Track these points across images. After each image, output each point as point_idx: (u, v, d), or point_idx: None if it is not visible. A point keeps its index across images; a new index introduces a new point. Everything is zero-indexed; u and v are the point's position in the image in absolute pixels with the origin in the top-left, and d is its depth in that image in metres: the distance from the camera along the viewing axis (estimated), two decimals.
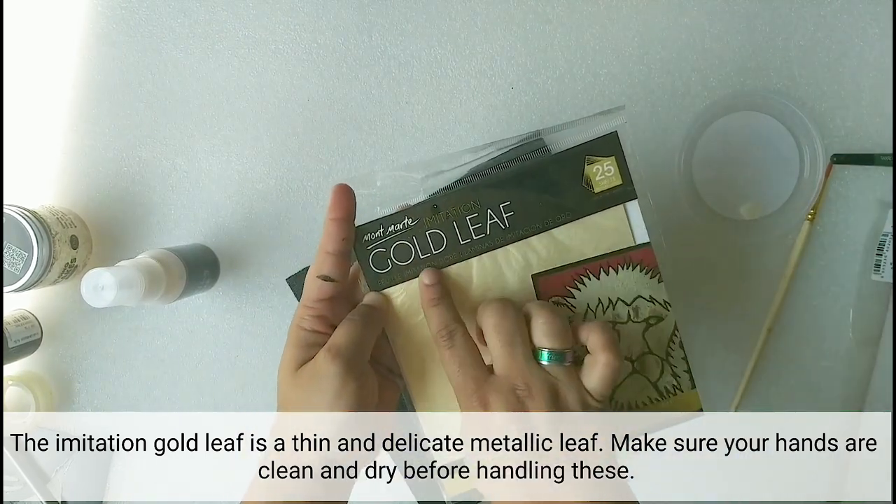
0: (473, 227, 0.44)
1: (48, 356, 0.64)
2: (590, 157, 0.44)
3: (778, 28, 0.61)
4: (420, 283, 0.44)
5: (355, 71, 0.63)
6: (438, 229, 0.44)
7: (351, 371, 0.40)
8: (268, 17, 0.63)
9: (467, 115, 0.63)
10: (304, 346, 0.41)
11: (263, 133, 0.64)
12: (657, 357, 0.45)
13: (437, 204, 0.44)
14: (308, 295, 0.43)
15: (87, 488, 0.64)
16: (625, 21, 0.62)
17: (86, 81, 0.64)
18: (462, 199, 0.44)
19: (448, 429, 0.45)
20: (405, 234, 0.44)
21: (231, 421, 0.64)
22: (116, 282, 0.50)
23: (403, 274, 0.44)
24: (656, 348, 0.45)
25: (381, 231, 0.44)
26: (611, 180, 0.44)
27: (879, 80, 0.60)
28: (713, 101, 0.61)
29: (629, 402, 0.45)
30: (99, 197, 0.64)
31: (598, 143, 0.44)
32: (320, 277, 0.42)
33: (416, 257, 0.44)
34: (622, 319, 0.45)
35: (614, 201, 0.44)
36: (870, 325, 0.60)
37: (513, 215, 0.44)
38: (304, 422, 0.41)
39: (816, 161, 0.60)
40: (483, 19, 0.62)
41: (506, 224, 0.44)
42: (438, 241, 0.44)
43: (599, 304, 0.45)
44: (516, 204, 0.44)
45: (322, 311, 0.42)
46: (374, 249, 0.44)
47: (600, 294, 0.45)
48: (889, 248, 0.58)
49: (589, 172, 0.44)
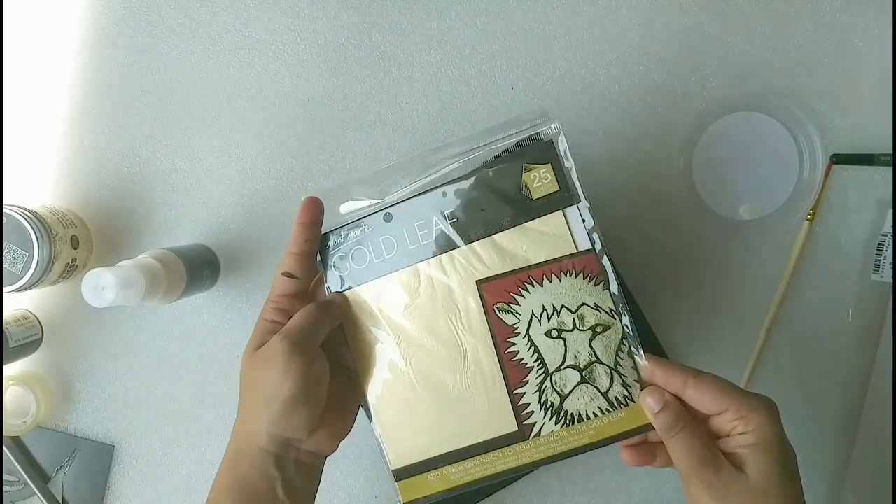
0: (421, 232, 0.46)
1: (49, 356, 0.64)
2: (527, 164, 0.45)
3: (778, 28, 0.61)
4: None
5: (355, 71, 0.63)
6: (391, 235, 0.47)
7: (297, 349, 0.42)
8: (268, 17, 0.63)
9: (467, 116, 0.63)
10: (263, 334, 0.45)
11: (263, 133, 0.64)
12: (606, 366, 0.45)
13: (390, 212, 0.47)
14: (273, 290, 0.46)
15: (87, 488, 0.64)
16: (625, 21, 0.62)
17: (86, 81, 0.64)
18: (410, 208, 0.46)
19: (400, 431, 0.46)
20: (362, 239, 0.47)
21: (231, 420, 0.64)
22: (117, 282, 0.50)
23: (361, 277, 0.47)
24: (604, 357, 0.45)
25: (342, 236, 0.47)
26: (547, 187, 0.45)
27: (879, 80, 0.60)
28: (713, 101, 0.61)
29: (579, 413, 0.45)
30: (99, 197, 0.64)
31: (535, 151, 0.45)
32: (284, 274, 0.46)
33: (370, 261, 0.47)
34: (567, 327, 0.45)
35: (552, 207, 0.45)
36: (870, 325, 0.60)
37: (456, 221, 0.46)
38: (254, 402, 0.44)
39: (816, 161, 0.60)
40: (483, 19, 0.62)
41: (450, 230, 0.46)
42: (390, 247, 0.47)
43: (544, 311, 0.45)
44: (458, 211, 0.46)
45: (284, 305, 0.46)
46: (337, 253, 0.47)
47: (545, 301, 0.45)
48: (888, 248, 0.58)
49: (526, 179, 0.45)
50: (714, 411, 0.43)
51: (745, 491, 0.41)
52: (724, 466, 0.41)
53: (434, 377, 0.46)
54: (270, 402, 0.43)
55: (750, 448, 0.41)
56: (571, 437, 0.45)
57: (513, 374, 0.45)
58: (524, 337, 0.45)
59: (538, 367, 0.45)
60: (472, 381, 0.46)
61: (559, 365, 0.45)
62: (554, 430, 0.45)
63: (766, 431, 0.41)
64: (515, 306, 0.46)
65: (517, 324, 0.45)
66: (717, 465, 0.42)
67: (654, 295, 0.61)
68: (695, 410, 0.43)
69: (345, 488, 0.63)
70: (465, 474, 0.46)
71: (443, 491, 0.46)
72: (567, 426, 0.45)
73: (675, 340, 0.62)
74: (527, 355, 0.45)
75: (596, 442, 0.45)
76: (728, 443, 0.42)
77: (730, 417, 0.42)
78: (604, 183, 0.62)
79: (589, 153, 0.62)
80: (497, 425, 0.45)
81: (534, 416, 0.45)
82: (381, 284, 0.47)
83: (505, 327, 0.46)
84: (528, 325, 0.45)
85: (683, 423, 0.43)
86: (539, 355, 0.45)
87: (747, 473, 0.41)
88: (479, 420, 0.46)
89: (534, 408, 0.45)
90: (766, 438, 0.41)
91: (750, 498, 0.41)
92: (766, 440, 0.41)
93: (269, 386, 0.43)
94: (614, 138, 0.62)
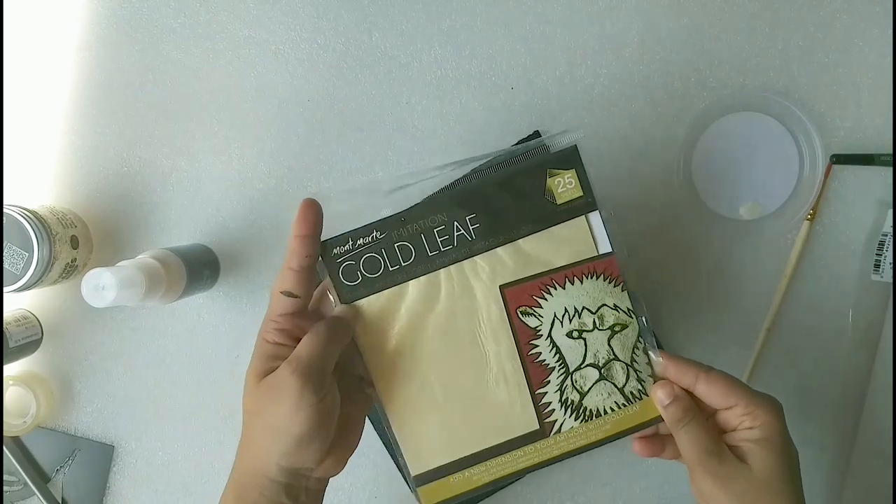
0: (441, 238, 0.45)
1: (49, 356, 0.64)
2: (551, 170, 0.45)
3: (778, 28, 0.61)
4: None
5: (355, 71, 0.63)
6: (407, 241, 0.45)
7: (310, 384, 0.40)
8: (268, 17, 0.63)
9: (467, 115, 0.63)
10: (267, 358, 0.42)
11: (263, 133, 0.64)
12: (623, 363, 0.46)
13: (405, 217, 0.45)
14: (272, 308, 0.43)
15: (87, 488, 0.64)
16: (625, 21, 0.62)
17: (86, 81, 0.64)
18: (429, 212, 0.45)
19: (421, 437, 0.46)
20: (374, 246, 0.45)
21: (231, 421, 0.64)
22: (117, 282, 0.50)
23: (374, 286, 0.45)
24: (622, 354, 0.46)
25: (349, 244, 0.45)
26: (572, 192, 0.46)
27: (879, 80, 0.60)
28: (713, 101, 0.61)
29: (597, 409, 0.46)
30: (99, 197, 0.64)
31: (558, 157, 0.46)
32: (283, 293, 0.43)
33: (385, 269, 0.45)
34: (588, 328, 0.46)
35: (576, 212, 0.46)
36: (869, 325, 0.60)
37: (479, 227, 0.45)
38: (262, 440, 0.42)
39: (816, 161, 0.60)
40: (483, 19, 0.62)
41: (472, 236, 0.45)
42: (407, 253, 0.45)
43: (566, 312, 0.46)
44: (482, 216, 0.45)
45: (285, 325, 0.43)
46: (344, 262, 0.45)
47: (566, 303, 0.46)
48: (888, 248, 0.58)
49: (551, 185, 0.45)
50: (723, 406, 0.44)
51: (748, 481, 0.43)
52: (729, 457, 0.43)
53: (455, 382, 0.46)
54: (280, 436, 0.41)
55: (755, 442, 0.43)
56: (589, 432, 0.46)
57: (535, 375, 0.46)
58: (546, 338, 0.46)
59: (559, 367, 0.46)
60: (493, 383, 0.46)
61: (580, 364, 0.46)
62: (574, 426, 0.46)
63: (773, 428, 0.43)
64: (538, 309, 0.46)
65: (540, 326, 0.46)
66: (722, 455, 0.44)
67: (653, 295, 0.61)
68: (704, 405, 0.45)
69: (345, 489, 0.63)
70: (487, 474, 0.46)
71: (464, 492, 0.46)
72: (585, 422, 0.46)
73: (676, 340, 0.62)
74: (549, 356, 0.46)
75: (612, 435, 0.47)
76: (734, 437, 0.44)
77: (738, 412, 0.44)
78: (604, 183, 0.62)
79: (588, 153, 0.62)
80: (519, 425, 0.46)
81: (555, 414, 0.46)
82: (398, 293, 0.45)
83: (528, 330, 0.46)
84: (551, 327, 0.46)
85: (692, 416, 0.45)
86: (561, 355, 0.46)
87: (751, 465, 0.43)
88: (501, 421, 0.46)
89: (555, 406, 0.46)
90: (771, 434, 0.43)
91: (751, 487, 0.43)
92: (771, 436, 0.43)
93: (278, 419, 0.41)
94: (614, 138, 0.62)
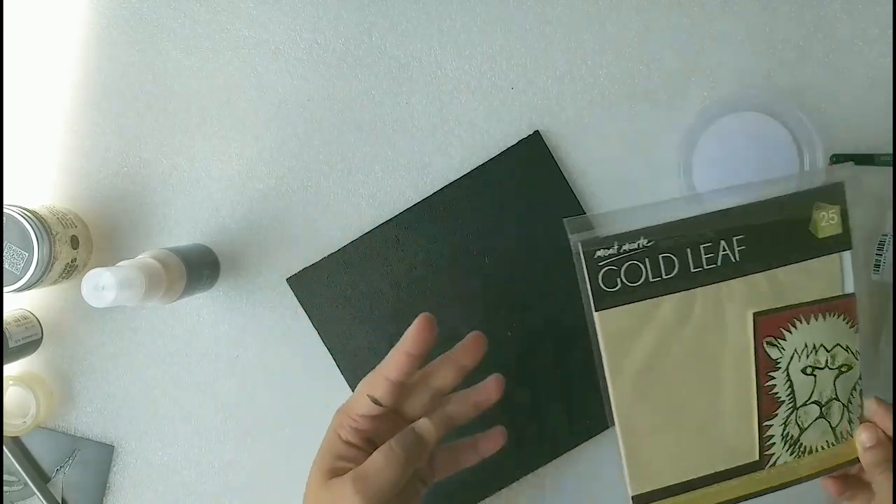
0: (706, 256, 0.43)
1: (48, 356, 0.64)
2: (819, 202, 0.45)
3: (778, 28, 0.61)
4: None
5: (355, 71, 0.63)
6: (672, 254, 0.43)
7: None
8: (268, 17, 0.63)
9: (467, 115, 0.63)
10: (337, 458, 0.41)
11: (263, 133, 0.64)
12: (841, 403, 0.46)
13: (673, 227, 0.43)
14: (353, 406, 0.42)
15: (87, 488, 0.64)
16: (625, 21, 0.62)
17: (86, 81, 0.64)
18: (698, 226, 0.43)
19: (646, 457, 0.45)
20: (639, 254, 0.43)
21: (230, 421, 0.64)
22: (117, 282, 0.50)
23: (630, 295, 0.43)
24: (842, 395, 0.46)
25: (615, 248, 0.42)
26: (833, 228, 0.45)
27: (879, 80, 0.60)
28: (713, 101, 0.61)
29: (811, 446, 0.46)
30: (99, 197, 0.64)
31: (827, 191, 0.45)
32: (370, 397, 0.41)
33: (645, 279, 0.43)
34: (820, 365, 0.46)
35: (833, 249, 0.45)
36: (870, 325, 0.60)
37: (745, 249, 0.44)
38: None
39: (816, 161, 0.60)
40: (483, 19, 0.62)
41: (736, 257, 0.44)
42: (670, 266, 0.43)
43: (805, 348, 0.46)
44: (749, 238, 0.44)
45: (364, 426, 0.42)
46: (606, 266, 0.42)
47: (807, 339, 0.45)
48: (889, 248, 0.58)
49: (816, 217, 0.45)
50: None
51: None
52: None
53: (688, 405, 0.45)
54: None
55: None
56: (799, 468, 0.46)
57: (766, 407, 0.46)
58: (784, 371, 0.46)
59: (788, 401, 0.46)
60: (724, 410, 0.45)
61: (805, 400, 0.46)
62: (788, 460, 0.46)
63: None
64: (783, 341, 0.45)
65: (780, 358, 0.46)
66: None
67: None
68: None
69: None
70: (702, 500, 0.46)
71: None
72: (799, 457, 0.46)
73: None
74: (782, 389, 0.46)
75: (814, 473, 0.47)
76: None
77: None
78: (604, 183, 0.62)
79: (588, 153, 0.62)
80: (739, 455, 0.46)
81: (774, 448, 0.46)
82: (653, 305, 0.44)
83: (769, 361, 0.45)
84: (790, 361, 0.46)
85: (890, 461, 0.44)
86: (792, 390, 0.46)
87: None
88: (724, 449, 0.46)
89: (776, 440, 0.46)
90: None
91: None
92: None
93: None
94: (614, 138, 0.62)
